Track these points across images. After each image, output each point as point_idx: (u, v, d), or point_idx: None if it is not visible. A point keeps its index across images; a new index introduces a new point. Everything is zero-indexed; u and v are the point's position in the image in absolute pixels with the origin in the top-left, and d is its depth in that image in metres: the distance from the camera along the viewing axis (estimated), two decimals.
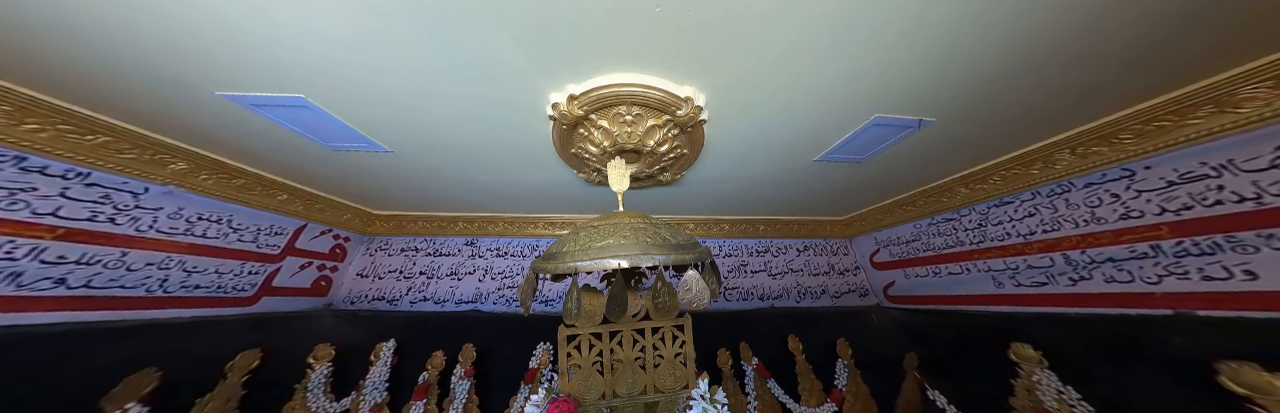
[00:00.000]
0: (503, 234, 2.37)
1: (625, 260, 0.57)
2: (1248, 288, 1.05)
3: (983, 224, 1.78)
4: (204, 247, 1.55)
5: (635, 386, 0.80)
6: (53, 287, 1.16)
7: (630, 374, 0.80)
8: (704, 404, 0.78)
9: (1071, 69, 0.95)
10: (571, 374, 0.79)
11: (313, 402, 1.60)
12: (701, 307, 0.62)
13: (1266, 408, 0.96)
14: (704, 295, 0.63)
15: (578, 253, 0.65)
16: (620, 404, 0.78)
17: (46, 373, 1.08)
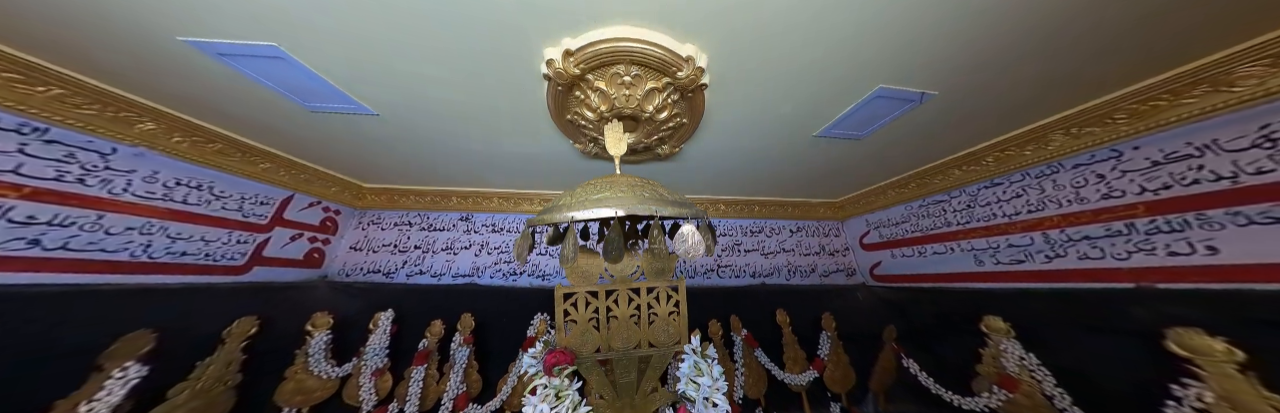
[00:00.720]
0: (498, 210, 2.35)
1: (622, 209, 0.57)
2: (1208, 262, 1.12)
3: (971, 205, 1.83)
4: (186, 213, 1.50)
5: (630, 341, 0.83)
6: (27, 247, 1.12)
7: (625, 330, 0.83)
8: (696, 358, 0.81)
9: (1081, 43, 0.94)
10: (568, 329, 0.81)
11: (314, 366, 1.63)
12: (696, 257, 0.63)
13: (1202, 367, 1.05)
14: (700, 248, 0.64)
15: (574, 205, 0.64)
16: (616, 358, 0.81)
17: (39, 332, 1.07)
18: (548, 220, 0.66)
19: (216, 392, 1.46)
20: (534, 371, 0.76)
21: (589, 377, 0.79)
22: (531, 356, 0.77)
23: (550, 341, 0.81)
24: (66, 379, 1.10)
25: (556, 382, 0.73)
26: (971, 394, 1.60)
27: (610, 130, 0.95)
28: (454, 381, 1.67)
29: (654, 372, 0.81)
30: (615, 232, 0.61)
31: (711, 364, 0.81)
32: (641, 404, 0.79)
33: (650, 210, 0.59)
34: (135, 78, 1.13)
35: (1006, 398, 1.49)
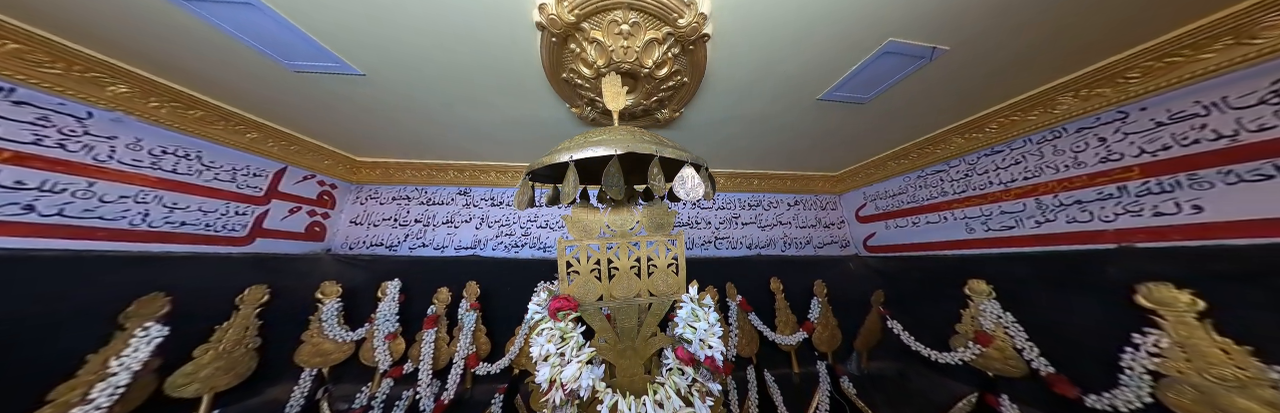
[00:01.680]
0: (495, 184, 2.33)
1: (619, 148, 0.56)
2: (1190, 221, 1.15)
3: (969, 174, 1.84)
4: (178, 183, 1.48)
5: (631, 290, 0.86)
6: (23, 213, 1.11)
7: (626, 281, 0.86)
8: (693, 305, 0.85)
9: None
10: (571, 280, 0.84)
11: (329, 331, 1.71)
12: (697, 198, 0.63)
13: (1164, 317, 1.12)
14: (700, 189, 0.64)
15: (573, 147, 0.64)
16: (617, 306, 0.85)
17: (54, 295, 1.10)
18: (546, 162, 0.66)
19: (238, 353, 1.54)
20: (539, 317, 0.80)
21: (592, 322, 0.83)
22: (536, 303, 0.81)
23: (553, 289, 0.84)
24: (92, 337, 1.15)
25: (561, 325, 0.77)
26: (948, 350, 1.72)
27: (608, 83, 0.91)
28: (464, 342, 1.76)
29: (653, 318, 0.86)
30: (614, 167, 0.61)
31: (708, 311, 0.85)
32: (642, 348, 0.84)
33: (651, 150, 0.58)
34: (100, 34, 1.06)
35: (979, 352, 1.60)
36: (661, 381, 0.77)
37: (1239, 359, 1.00)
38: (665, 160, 0.76)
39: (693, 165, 0.66)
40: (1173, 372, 1.10)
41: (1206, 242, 1.10)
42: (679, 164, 0.76)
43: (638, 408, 0.73)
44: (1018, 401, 1.49)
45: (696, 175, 0.63)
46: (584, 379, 0.71)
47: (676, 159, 0.65)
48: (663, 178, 0.62)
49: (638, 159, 0.87)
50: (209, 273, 1.49)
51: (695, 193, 0.63)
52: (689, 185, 0.63)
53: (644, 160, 0.93)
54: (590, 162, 0.92)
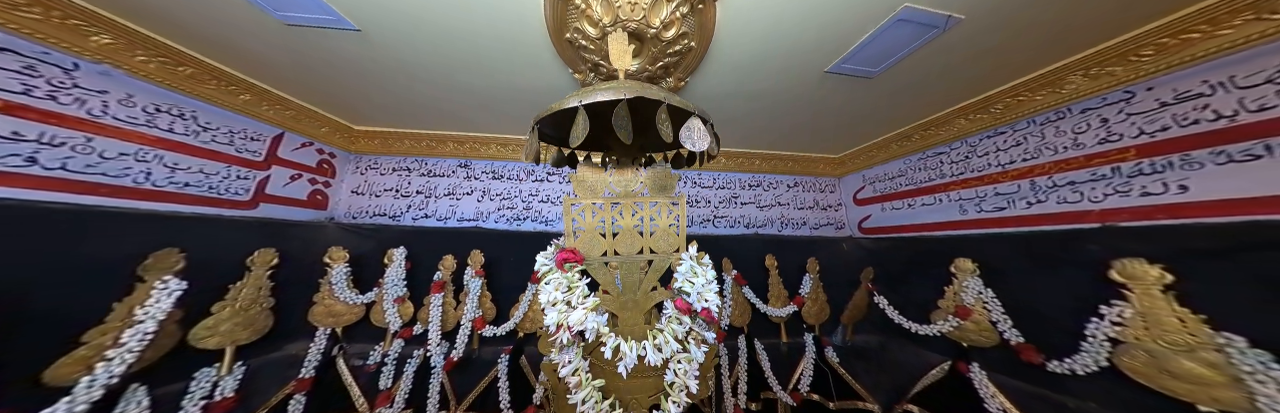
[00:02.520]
0: (496, 157, 2.32)
1: (628, 94, 0.57)
2: (1175, 201, 1.19)
3: (969, 156, 1.85)
4: (176, 143, 1.46)
5: (633, 247, 0.90)
6: (26, 165, 1.11)
7: (629, 238, 0.90)
8: (692, 262, 0.90)
9: None
10: (577, 236, 0.87)
11: (339, 293, 1.78)
12: (701, 149, 0.65)
13: (1132, 290, 1.19)
14: (705, 139, 0.66)
15: (581, 95, 0.64)
16: (621, 261, 0.89)
17: (69, 246, 1.12)
18: (552, 109, 0.67)
19: (254, 311, 1.60)
20: (546, 269, 0.84)
21: (596, 275, 0.88)
22: (544, 256, 0.85)
23: (559, 243, 0.88)
24: (114, 287, 1.19)
25: (568, 276, 0.81)
26: (929, 323, 1.83)
27: (614, 41, 0.89)
28: (470, 306, 1.85)
29: (654, 274, 0.91)
30: (623, 110, 0.62)
31: (705, 269, 0.90)
32: (643, 300, 0.90)
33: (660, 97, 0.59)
34: None
35: (957, 325, 1.71)
36: (661, 328, 0.83)
37: (1192, 327, 1.08)
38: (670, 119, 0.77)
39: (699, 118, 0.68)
40: (1130, 339, 1.19)
41: (1185, 220, 1.15)
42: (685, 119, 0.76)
43: (638, 350, 0.79)
44: (986, 368, 1.62)
45: (702, 127, 0.65)
46: (589, 322, 0.77)
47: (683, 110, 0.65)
48: (670, 126, 0.63)
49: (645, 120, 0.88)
50: (217, 234, 1.52)
51: (700, 143, 0.65)
52: (695, 135, 0.64)
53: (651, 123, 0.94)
54: (598, 124, 0.92)
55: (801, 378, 2.02)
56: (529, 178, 2.35)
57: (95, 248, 1.17)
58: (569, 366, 0.76)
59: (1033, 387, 1.46)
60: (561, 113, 0.74)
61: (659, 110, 0.63)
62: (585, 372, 0.78)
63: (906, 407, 1.85)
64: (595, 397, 0.77)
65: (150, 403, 1.25)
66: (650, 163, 1.04)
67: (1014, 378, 1.52)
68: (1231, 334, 1.01)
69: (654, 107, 0.72)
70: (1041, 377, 1.41)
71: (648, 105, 0.73)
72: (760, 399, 1.99)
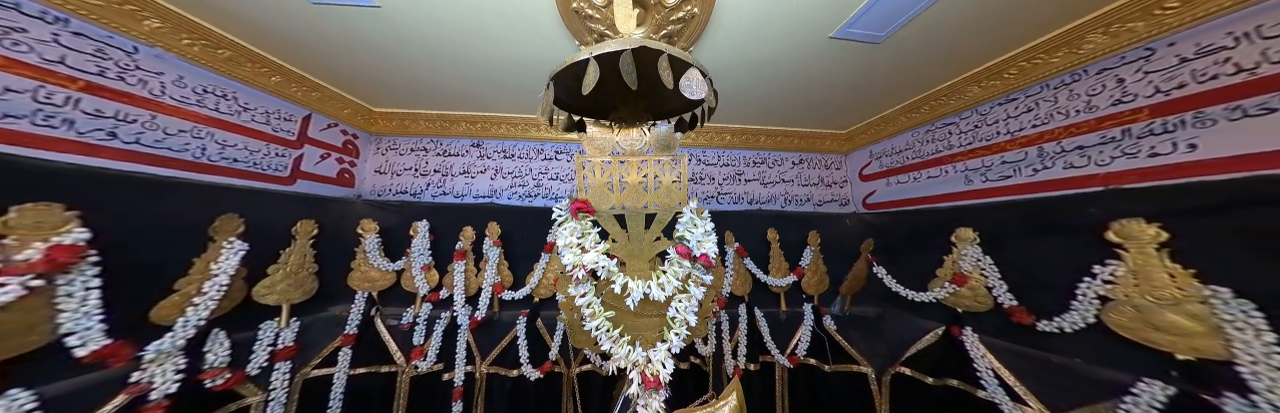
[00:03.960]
0: (507, 136, 2.42)
1: (633, 44, 0.63)
2: (1183, 159, 1.18)
3: (978, 125, 1.83)
4: (222, 122, 1.60)
5: (639, 202, 0.99)
6: (108, 139, 1.26)
7: (635, 193, 0.99)
8: (692, 215, 0.98)
9: None
10: (588, 190, 0.97)
11: (373, 261, 1.96)
12: (699, 97, 0.72)
13: (1127, 249, 1.22)
14: (703, 87, 0.72)
15: (590, 49, 0.71)
16: (627, 213, 0.99)
17: (152, 211, 1.29)
18: (567, 62, 0.74)
19: (302, 275, 1.80)
20: (562, 218, 0.94)
21: (605, 225, 0.98)
22: (559, 207, 0.95)
23: (573, 196, 0.97)
24: (192, 245, 1.38)
25: (581, 223, 0.92)
26: (925, 291, 1.88)
27: (619, 5, 0.94)
28: (489, 273, 2.01)
29: (658, 225, 1.00)
30: (628, 58, 0.69)
31: (704, 221, 0.99)
32: (647, 249, 1.00)
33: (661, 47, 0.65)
34: None
35: (953, 291, 1.76)
36: (664, 269, 0.93)
37: (1182, 281, 1.11)
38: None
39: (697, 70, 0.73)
40: (1120, 296, 1.23)
41: (1186, 179, 1.15)
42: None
43: (643, 289, 0.90)
44: (978, 331, 1.68)
45: (700, 77, 0.71)
46: (600, 262, 0.88)
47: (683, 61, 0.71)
48: (671, 74, 0.70)
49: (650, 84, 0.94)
50: (267, 205, 1.69)
51: (698, 91, 0.71)
52: (694, 84, 0.70)
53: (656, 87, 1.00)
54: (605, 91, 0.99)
55: (799, 344, 2.13)
56: (538, 157, 2.45)
57: (174, 211, 1.34)
58: (584, 298, 0.88)
59: (1020, 346, 1.52)
60: (573, 78, 0.81)
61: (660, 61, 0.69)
62: (598, 305, 0.90)
63: (898, 369, 1.95)
64: (607, 326, 0.89)
65: (230, 345, 1.47)
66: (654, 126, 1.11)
67: (1003, 340, 1.59)
68: (1218, 287, 1.04)
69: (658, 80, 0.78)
70: (1030, 337, 1.47)
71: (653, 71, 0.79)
72: (759, 362, 2.13)
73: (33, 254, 0.98)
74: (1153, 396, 1.13)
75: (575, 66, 0.74)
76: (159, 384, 1.23)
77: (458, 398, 1.89)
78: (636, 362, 0.87)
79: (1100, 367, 1.28)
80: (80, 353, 1.07)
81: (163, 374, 1.25)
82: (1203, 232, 1.09)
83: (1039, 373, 1.45)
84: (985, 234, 1.71)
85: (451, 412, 1.88)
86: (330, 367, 1.84)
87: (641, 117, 1.00)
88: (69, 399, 1.08)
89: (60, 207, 1.05)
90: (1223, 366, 1.01)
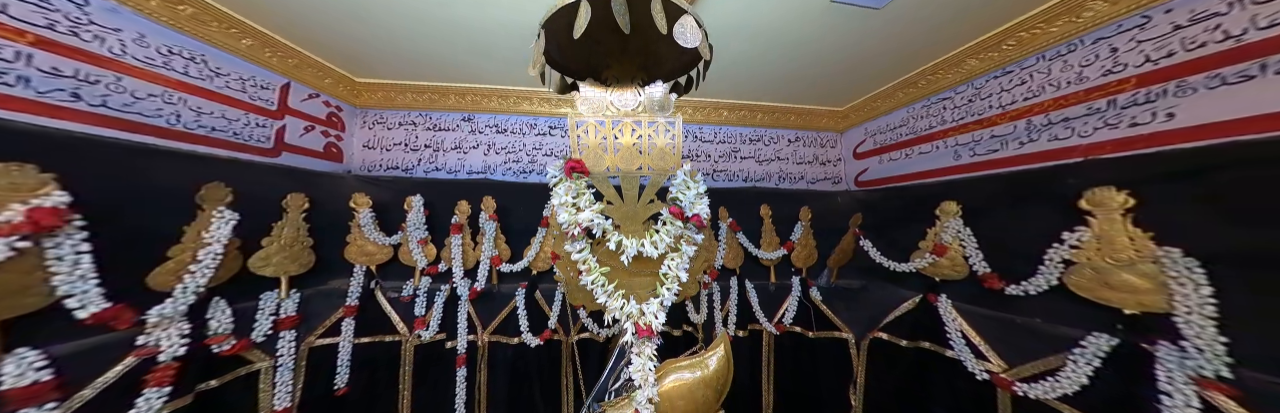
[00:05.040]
0: (498, 110, 2.35)
1: None
2: (1160, 128, 1.22)
3: (972, 99, 1.84)
4: (194, 87, 1.52)
5: (633, 164, 1.00)
6: (72, 100, 1.20)
7: (629, 155, 0.99)
8: (685, 177, 1.00)
9: None
10: (582, 152, 0.97)
11: (369, 234, 1.96)
12: (692, 45, 0.71)
13: (1095, 216, 1.28)
14: (697, 35, 0.72)
15: None
16: (622, 175, 0.99)
17: (132, 177, 1.25)
18: (556, 5, 0.72)
19: (297, 249, 1.80)
20: (557, 179, 0.95)
21: (600, 187, 0.99)
22: (554, 166, 0.95)
23: (567, 155, 0.97)
24: (181, 213, 1.35)
25: (576, 183, 0.93)
26: (907, 261, 1.97)
27: None
28: (487, 246, 2.04)
29: (652, 187, 1.01)
30: (620, 2, 0.67)
31: (698, 184, 1.00)
32: (641, 211, 1.02)
33: None
34: None
35: (933, 261, 1.85)
36: (657, 229, 0.96)
37: (1139, 244, 1.19)
38: None
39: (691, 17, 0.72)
40: (1082, 259, 1.31)
41: (1159, 148, 1.20)
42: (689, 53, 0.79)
43: (637, 246, 0.93)
44: (953, 297, 1.79)
45: (694, 24, 0.69)
46: (595, 220, 0.90)
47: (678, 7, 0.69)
48: (665, 18, 0.68)
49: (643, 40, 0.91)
50: (252, 176, 1.64)
51: (692, 39, 0.70)
52: (687, 32, 0.69)
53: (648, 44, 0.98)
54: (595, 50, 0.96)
55: (786, 313, 2.26)
56: (532, 132, 2.40)
57: (159, 179, 1.31)
58: (580, 254, 0.91)
59: (988, 310, 1.64)
60: (565, 28, 0.78)
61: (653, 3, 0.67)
62: (593, 261, 0.93)
63: (876, 334, 2.09)
64: (602, 281, 0.93)
65: (232, 314, 1.50)
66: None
67: (974, 305, 1.70)
68: (1171, 247, 1.12)
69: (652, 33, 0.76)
70: (998, 301, 1.58)
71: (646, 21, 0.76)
72: (747, 329, 2.25)
73: (14, 216, 0.96)
74: (1098, 347, 1.25)
75: (566, 13, 0.71)
76: (166, 347, 1.27)
77: (461, 364, 1.98)
78: (630, 314, 0.92)
79: (1057, 325, 1.39)
80: (81, 315, 1.08)
81: (169, 338, 1.28)
82: (1168, 197, 1.15)
83: (1002, 333, 1.58)
84: (968, 207, 1.77)
85: (456, 377, 1.98)
86: (335, 336, 1.89)
87: (635, 75, 0.98)
88: (79, 359, 1.10)
89: (33, 167, 1.01)
90: (1162, 318, 1.11)
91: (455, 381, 1.97)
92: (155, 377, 1.24)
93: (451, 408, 1.96)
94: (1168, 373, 1.08)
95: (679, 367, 1.01)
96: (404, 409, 1.96)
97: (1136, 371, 1.15)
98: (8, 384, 0.98)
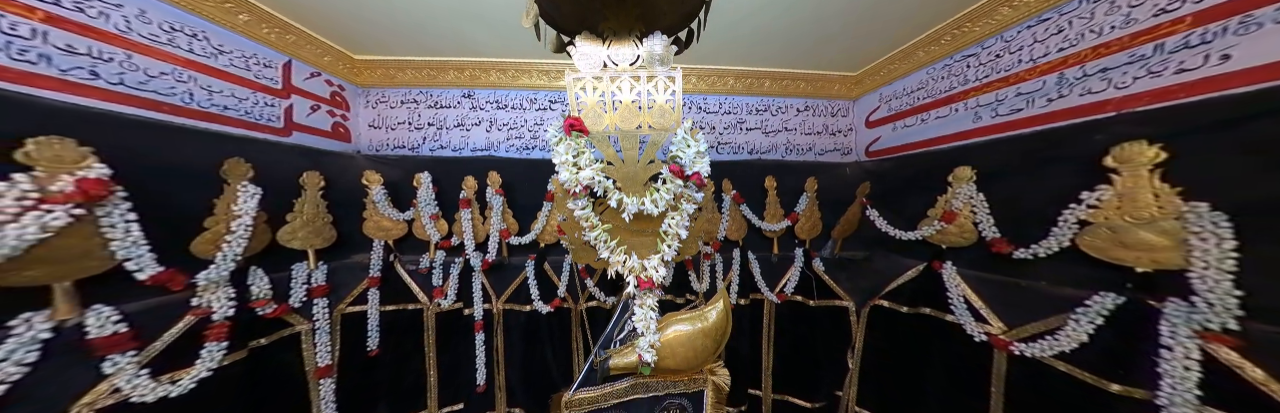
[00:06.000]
0: (498, 85, 2.32)
1: None
2: (1210, 73, 1.11)
3: (1000, 54, 1.70)
4: (200, 64, 1.55)
5: (632, 122, 0.99)
6: (91, 78, 1.24)
7: (628, 113, 0.98)
8: (686, 135, 0.98)
9: None
10: (580, 110, 0.96)
11: (383, 210, 2.05)
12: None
13: (1120, 173, 1.21)
14: None
15: None
16: (621, 135, 0.99)
17: (155, 154, 1.32)
18: None
19: (319, 224, 1.90)
20: (557, 138, 0.95)
21: (600, 147, 0.99)
22: (553, 126, 0.96)
23: (564, 112, 0.97)
24: (209, 187, 1.44)
25: (576, 142, 0.93)
26: (914, 230, 1.94)
27: None
28: (495, 219, 2.11)
29: (652, 147, 1.01)
30: None
31: (698, 142, 0.99)
32: (641, 171, 1.02)
33: None
34: None
35: (940, 228, 1.81)
36: (657, 187, 0.97)
37: (1164, 200, 1.13)
38: None
39: None
40: (1099, 219, 1.26)
41: (1202, 96, 1.09)
42: None
43: (637, 204, 0.95)
44: (958, 264, 1.78)
45: None
46: (596, 178, 0.91)
47: None
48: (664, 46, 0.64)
49: None
50: (269, 154, 1.70)
51: None
52: None
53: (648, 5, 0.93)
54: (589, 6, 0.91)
55: (788, 283, 2.30)
56: (532, 107, 2.37)
57: (186, 155, 1.38)
58: (583, 211, 0.94)
59: (991, 274, 1.62)
60: None
61: None
62: (595, 218, 0.96)
63: (877, 302, 2.12)
64: (605, 237, 0.96)
65: (269, 282, 1.63)
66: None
67: (979, 270, 1.69)
68: (1197, 202, 1.06)
69: None
70: (1003, 265, 1.55)
71: None
72: (749, 298, 2.32)
73: (65, 186, 1.04)
74: (1103, 306, 1.24)
75: None
76: (217, 309, 1.41)
77: (479, 329, 2.14)
78: (633, 268, 0.96)
79: (1063, 287, 1.37)
80: (141, 277, 1.20)
81: (218, 300, 1.41)
82: (1202, 149, 1.07)
83: (1005, 296, 1.58)
84: (983, 172, 1.70)
85: (475, 341, 2.15)
86: (363, 304, 2.06)
87: (632, 27, 0.94)
88: (146, 316, 1.25)
89: (73, 142, 1.08)
90: (1175, 274, 1.08)
91: (474, 344, 2.13)
92: (212, 333, 1.39)
93: (473, 367, 2.15)
94: (1172, 328, 1.07)
95: (680, 319, 1.07)
96: (431, 368, 2.16)
97: (1139, 327, 1.14)
98: (93, 334, 1.12)
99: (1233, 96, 1.04)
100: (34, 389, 1.04)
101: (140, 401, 1.21)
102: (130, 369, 1.19)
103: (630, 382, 1.09)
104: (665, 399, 1.14)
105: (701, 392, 1.16)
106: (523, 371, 2.22)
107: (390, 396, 2.12)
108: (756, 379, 2.38)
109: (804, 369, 2.37)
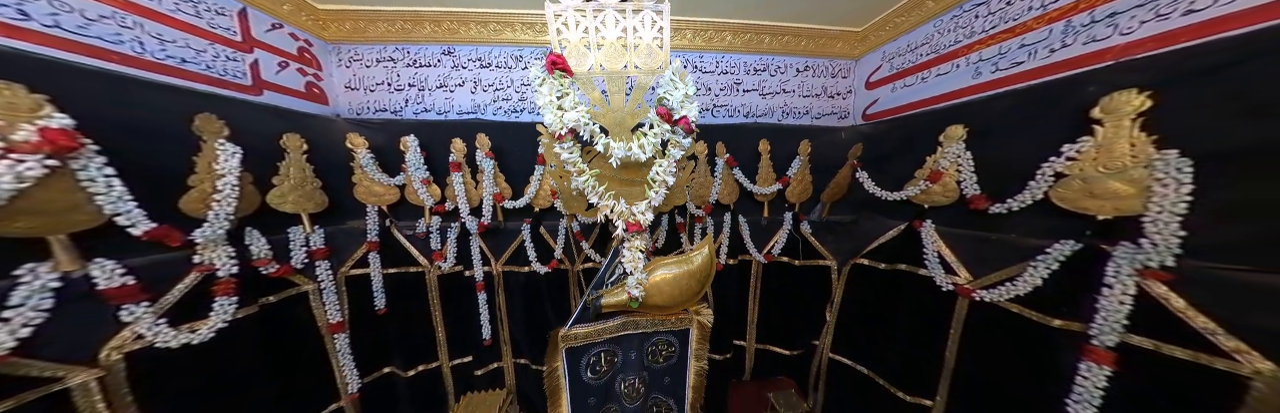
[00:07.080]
0: (479, 40, 2.16)
1: None
2: (1219, 13, 1.07)
3: (1010, 2, 1.60)
4: (142, 7, 1.40)
5: (618, 62, 0.95)
6: (21, 17, 1.13)
7: (614, 52, 0.93)
8: (674, 77, 0.95)
9: None
10: (562, 47, 0.91)
11: (373, 174, 2.03)
12: None
13: (1103, 124, 1.22)
14: None
15: None
16: (608, 75, 0.95)
17: (116, 107, 1.24)
18: None
19: (309, 188, 1.88)
20: (540, 79, 0.92)
21: (586, 90, 0.97)
22: (536, 67, 0.92)
23: (549, 49, 0.93)
24: (185, 145, 1.39)
25: (560, 81, 0.90)
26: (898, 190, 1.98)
27: None
28: (487, 183, 2.10)
29: (639, 91, 0.98)
30: None
31: (686, 84, 0.96)
32: (628, 117, 1.01)
33: None
34: None
35: (925, 188, 1.86)
36: (645, 131, 0.97)
37: (1138, 149, 1.16)
38: None
39: None
40: (1075, 171, 1.30)
41: (1200, 40, 1.07)
42: None
43: (624, 149, 0.94)
44: (938, 222, 1.85)
45: None
46: (583, 121, 0.90)
47: None
48: None
49: None
50: (241, 113, 1.60)
51: None
52: None
53: None
54: None
55: (775, 245, 2.40)
56: (518, 65, 2.24)
57: (152, 110, 1.30)
58: (570, 155, 0.94)
59: (965, 230, 1.71)
60: None
61: None
62: (583, 163, 0.96)
63: (858, 260, 2.24)
64: (593, 182, 0.98)
65: (267, 242, 1.66)
66: None
67: (955, 227, 1.77)
68: (1168, 150, 1.09)
69: None
70: (978, 222, 1.63)
71: None
72: (737, 258, 2.44)
73: (29, 135, 1.00)
74: (1060, 253, 1.33)
75: None
76: (221, 266, 1.44)
77: (480, 290, 2.25)
78: (621, 213, 0.99)
79: (1029, 238, 1.45)
80: (135, 232, 1.21)
81: (220, 258, 1.45)
82: (1186, 96, 1.08)
83: (975, 249, 1.68)
84: (974, 131, 1.70)
85: (478, 300, 2.27)
86: (365, 267, 2.12)
87: None
88: (151, 270, 1.28)
89: (22, 87, 1.01)
90: (1131, 220, 1.15)
91: (478, 302, 2.26)
92: (220, 288, 1.44)
93: (478, 324, 2.30)
94: (1116, 269, 1.17)
95: (667, 263, 1.13)
96: (438, 324, 2.31)
97: (1089, 270, 1.24)
98: (102, 285, 1.16)
99: (1222, 40, 1.02)
100: (60, 333, 1.10)
101: (165, 346, 1.30)
102: (148, 318, 1.25)
103: (622, 320, 1.19)
104: (654, 336, 1.25)
105: (687, 330, 1.27)
106: (525, 325, 2.38)
107: (402, 349, 2.28)
108: (742, 332, 2.59)
109: (786, 322, 2.58)
